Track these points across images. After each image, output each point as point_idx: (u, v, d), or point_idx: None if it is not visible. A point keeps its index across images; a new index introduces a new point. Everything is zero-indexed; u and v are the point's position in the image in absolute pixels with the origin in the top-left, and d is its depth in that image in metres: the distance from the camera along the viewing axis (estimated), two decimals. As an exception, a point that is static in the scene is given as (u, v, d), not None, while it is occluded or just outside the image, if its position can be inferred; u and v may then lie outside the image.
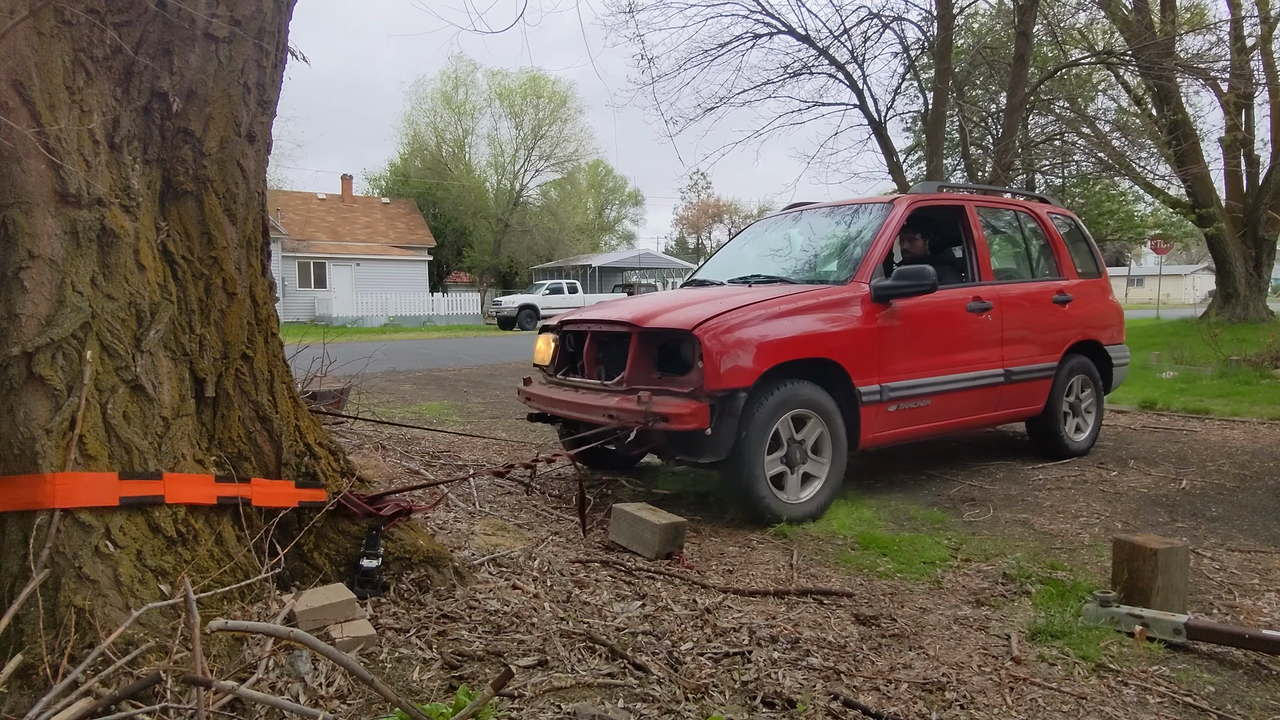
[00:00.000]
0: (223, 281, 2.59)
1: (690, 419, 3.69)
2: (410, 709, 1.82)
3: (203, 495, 2.35)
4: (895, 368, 4.42)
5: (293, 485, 2.63)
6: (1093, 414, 5.79)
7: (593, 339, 4.44)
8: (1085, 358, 5.70)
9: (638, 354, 4.05)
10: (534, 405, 4.63)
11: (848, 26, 14.86)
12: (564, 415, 4.41)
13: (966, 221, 5.18)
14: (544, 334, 4.92)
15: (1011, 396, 5.14)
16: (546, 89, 42.26)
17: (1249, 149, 18.12)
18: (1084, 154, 17.77)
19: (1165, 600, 2.81)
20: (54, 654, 1.93)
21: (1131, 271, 57.41)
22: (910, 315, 4.52)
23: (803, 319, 4.12)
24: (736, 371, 3.78)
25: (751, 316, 3.96)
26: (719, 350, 3.76)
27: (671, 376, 3.97)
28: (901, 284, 4.39)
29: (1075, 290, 5.65)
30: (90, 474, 2.12)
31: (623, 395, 3.98)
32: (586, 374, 4.41)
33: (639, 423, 3.76)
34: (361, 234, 35.32)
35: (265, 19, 2.64)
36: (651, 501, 4.46)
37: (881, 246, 4.61)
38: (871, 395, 4.29)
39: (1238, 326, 15.64)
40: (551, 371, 4.71)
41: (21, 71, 2.17)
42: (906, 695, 2.30)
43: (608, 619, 2.75)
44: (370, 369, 9.32)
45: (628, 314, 4.22)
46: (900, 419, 4.49)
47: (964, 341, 4.86)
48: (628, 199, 58.97)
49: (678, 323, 3.92)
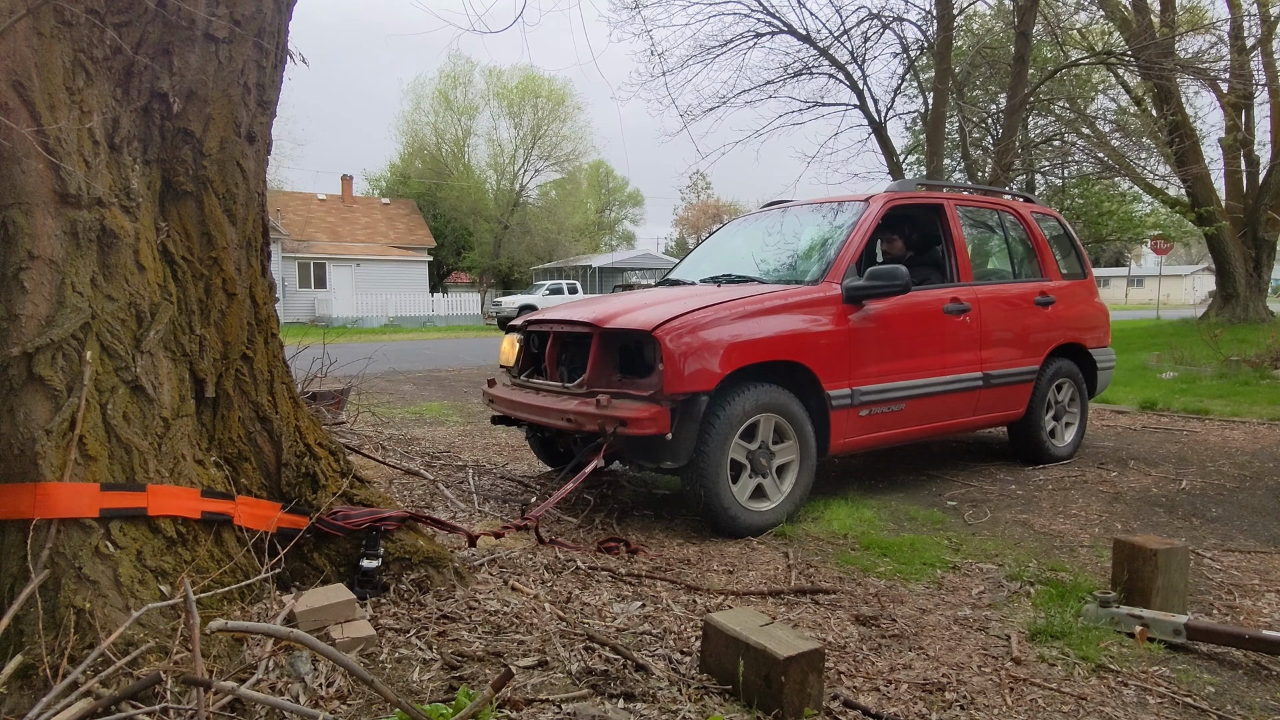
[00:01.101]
0: (223, 282, 2.59)
1: (649, 423, 3.57)
2: (410, 709, 1.82)
3: (187, 509, 2.31)
4: (867, 371, 4.29)
5: (279, 508, 2.60)
6: (1076, 418, 5.66)
7: (555, 339, 4.33)
8: (1069, 361, 5.56)
9: (599, 355, 3.93)
10: (497, 408, 4.52)
11: (848, 27, 14.89)
12: (524, 418, 4.30)
13: (945, 220, 5.05)
14: (509, 334, 4.81)
15: (991, 400, 5.01)
16: (544, 88, 42.28)
17: (1249, 149, 18.14)
18: (1084, 154, 17.77)
19: (1165, 601, 2.81)
20: (54, 654, 1.93)
21: (1131, 272, 57.49)
22: (884, 317, 4.40)
23: (770, 320, 3.99)
24: (699, 374, 3.66)
25: (716, 317, 3.83)
26: (681, 352, 3.64)
27: (633, 379, 3.86)
28: (874, 284, 4.26)
29: (1059, 292, 5.52)
30: (70, 484, 2.09)
31: (582, 398, 3.87)
32: (549, 376, 4.31)
33: (596, 427, 3.66)
34: (361, 234, 35.33)
35: (265, 19, 2.64)
36: (652, 501, 4.47)
37: (855, 245, 4.47)
38: (842, 399, 4.17)
39: (1238, 327, 15.65)
40: (515, 373, 4.61)
41: (21, 71, 2.17)
42: (906, 695, 2.30)
43: (608, 619, 2.75)
44: (370, 369, 9.33)
45: (589, 314, 4.10)
46: (873, 424, 4.37)
47: (940, 344, 4.72)
48: (628, 199, 59.00)
49: (638, 323, 3.80)
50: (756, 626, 2.25)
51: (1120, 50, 15.69)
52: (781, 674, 2.07)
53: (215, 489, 2.43)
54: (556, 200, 45.47)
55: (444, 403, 8.46)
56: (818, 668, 2.14)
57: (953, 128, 16.28)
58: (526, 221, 41.72)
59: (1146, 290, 55.91)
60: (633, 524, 4.02)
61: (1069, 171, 19.16)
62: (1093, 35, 17.90)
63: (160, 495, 2.24)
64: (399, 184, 44.33)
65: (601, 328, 3.91)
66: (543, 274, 39.54)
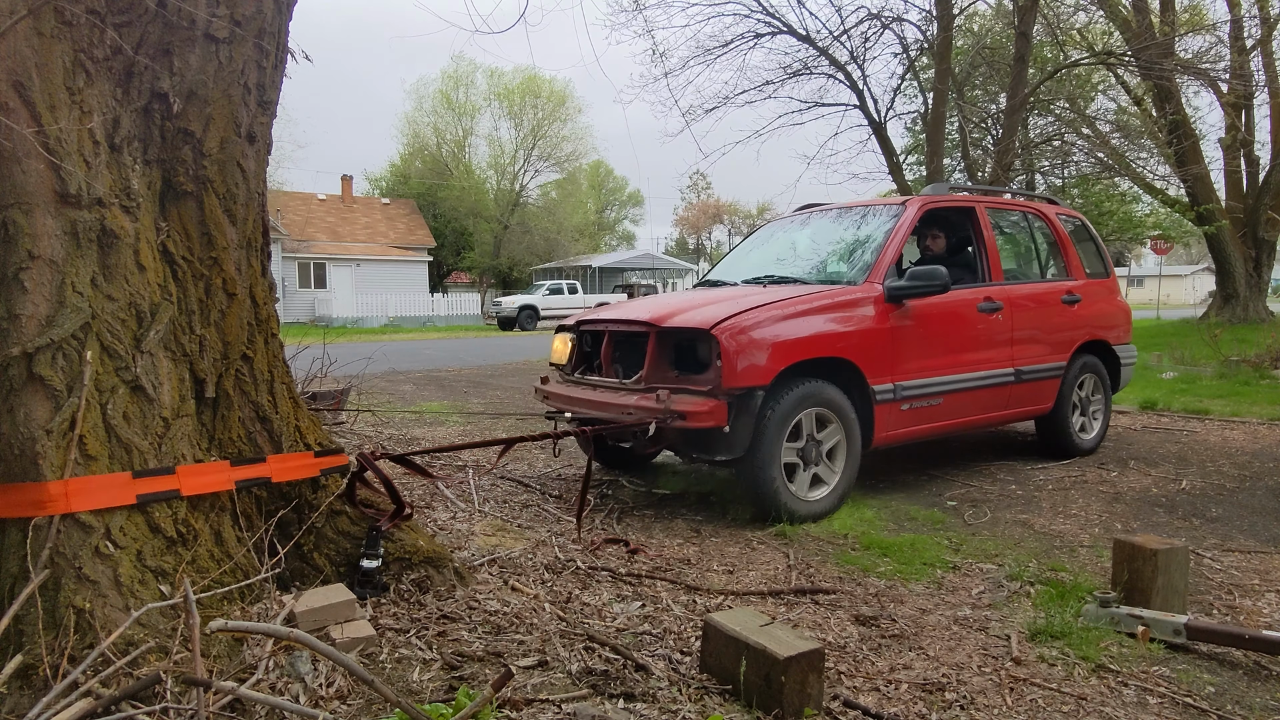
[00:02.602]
0: (223, 282, 2.59)
1: (708, 417, 3.73)
2: (410, 709, 1.82)
3: (220, 482, 2.32)
4: (908, 367, 4.46)
5: (311, 455, 2.60)
6: (1100, 413, 5.83)
7: (610, 338, 4.48)
8: (1094, 357, 5.74)
9: (656, 353, 4.09)
10: (552, 403, 4.65)
11: (848, 27, 14.90)
12: (582, 413, 4.44)
13: (977, 222, 5.23)
14: (561, 333, 4.98)
15: (1021, 395, 5.18)
16: (545, 89, 42.30)
17: (1249, 149, 18.14)
18: (1084, 154, 17.78)
19: (1165, 601, 2.81)
20: (54, 654, 1.93)
21: (1132, 272, 57.43)
22: (923, 315, 4.57)
23: (818, 319, 4.15)
24: (754, 370, 3.82)
25: (768, 316, 3.99)
26: (736, 349, 3.80)
27: (689, 375, 4.01)
28: (914, 284, 4.45)
29: (1084, 290, 5.69)
30: (104, 475, 2.11)
31: (641, 393, 4.01)
32: (604, 373, 4.45)
33: (657, 419, 3.79)
34: (361, 234, 35.32)
35: (265, 19, 2.64)
36: (652, 501, 4.47)
37: (894, 247, 4.65)
38: (885, 394, 4.33)
39: (1238, 327, 15.64)
40: (569, 370, 4.75)
41: (21, 72, 2.17)
42: (906, 695, 2.30)
43: (608, 619, 2.75)
44: (370, 369, 9.33)
45: (645, 314, 4.26)
46: (913, 418, 4.53)
47: (975, 341, 4.90)
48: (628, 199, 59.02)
49: (695, 322, 3.96)
50: (756, 626, 2.25)
51: (1120, 50, 15.70)
52: (781, 674, 2.07)
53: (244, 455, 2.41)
54: (557, 200, 45.50)
55: (444, 403, 8.46)
56: (818, 668, 2.14)
57: (953, 128, 16.30)
58: (526, 221, 41.73)
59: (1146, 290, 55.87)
60: (633, 524, 4.02)
61: (1069, 171, 19.18)
62: (1093, 35, 17.90)
63: (191, 474, 2.25)
64: (399, 184, 44.33)
65: (659, 326, 4.07)
66: (542, 274, 39.53)
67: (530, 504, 4.28)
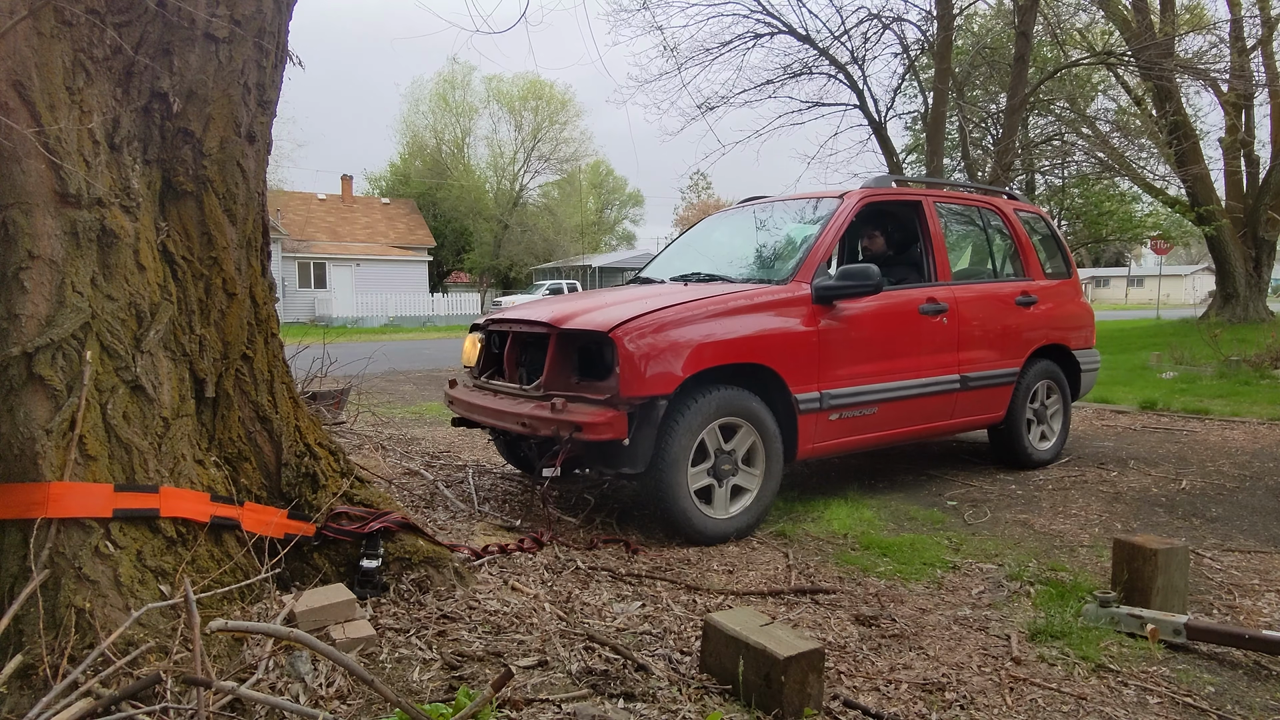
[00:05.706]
0: (223, 282, 2.59)
1: (606, 428, 3.43)
2: (410, 709, 1.82)
3: (197, 512, 2.32)
4: (838, 374, 4.15)
5: (284, 515, 2.61)
6: (1059, 422, 5.50)
7: (514, 340, 4.19)
8: (1052, 363, 5.39)
9: (556, 357, 3.78)
10: (456, 409, 4.39)
11: (848, 27, 14.89)
12: (482, 421, 4.13)
13: (924, 217, 4.87)
14: (471, 333, 4.67)
15: (969, 403, 4.85)
16: (545, 92, 42.34)
17: (1249, 149, 18.13)
18: (1084, 154, 17.77)
19: (1165, 600, 2.81)
20: (54, 654, 1.93)
21: (1131, 272, 57.50)
22: (855, 318, 4.25)
23: (734, 321, 3.82)
24: (658, 378, 3.51)
25: (677, 318, 3.67)
26: (639, 354, 3.49)
27: (591, 382, 3.70)
28: (845, 284, 4.12)
29: (1042, 291, 5.36)
30: (85, 484, 2.10)
31: (538, 401, 3.72)
32: (507, 377, 4.17)
33: (552, 431, 3.53)
34: (361, 234, 35.32)
35: (265, 19, 2.64)
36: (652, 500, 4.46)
37: (826, 244, 4.31)
38: (810, 403, 4.03)
39: (1238, 327, 15.65)
40: (476, 374, 4.46)
41: (21, 71, 2.17)
42: (906, 695, 2.30)
43: (608, 619, 2.75)
44: (370, 369, 9.32)
45: (547, 314, 3.95)
46: (843, 428, 4.22)
47: (916, 345, 4.57)
48: (628, 199, 58.99)
49: (595, 324, 3.64)
50: (756, 626, 2.25)
51: (1120, 50, 15.69)
52: (781, 674, 2.07)
53: (220, 494, 2.43)
54: (557, 200, 45.52)
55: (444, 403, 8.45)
56: (818, 667, 2.14)
57: (953, 128, 16.29)
58: (526, 221, 41.75)
59: (1146, 290, 55.86)
60: (633, 524, 4.02)
61: (1069, 171, 19.17)
62: (1093, 35, 17.90)
63: (172, 498, 2.25)
64: (399, 184, 44.35)
65: (559, 328, 3.76)
66: (542, 274, 39.55)
67: (530, 504, 4.28)
